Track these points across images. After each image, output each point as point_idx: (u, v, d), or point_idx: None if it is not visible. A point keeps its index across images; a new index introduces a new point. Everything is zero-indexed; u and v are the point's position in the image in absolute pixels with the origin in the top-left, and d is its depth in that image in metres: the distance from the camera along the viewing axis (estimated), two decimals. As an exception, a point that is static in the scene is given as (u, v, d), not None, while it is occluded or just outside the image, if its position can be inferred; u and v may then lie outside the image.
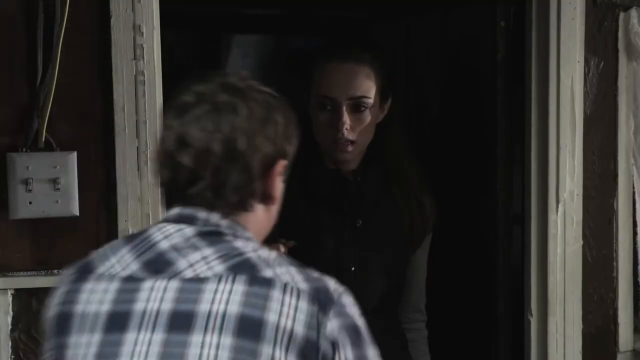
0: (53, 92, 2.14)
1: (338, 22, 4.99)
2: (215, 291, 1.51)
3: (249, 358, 1.45)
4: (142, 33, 2.18)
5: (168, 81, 2.26)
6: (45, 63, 2.14)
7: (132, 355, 1.49)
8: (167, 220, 1.61)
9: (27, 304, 2.20)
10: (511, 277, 2.58)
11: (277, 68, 5.87)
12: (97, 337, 1.53)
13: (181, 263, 1.54)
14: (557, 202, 2.47)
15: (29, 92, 2.15)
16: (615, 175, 2.54)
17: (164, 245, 1.57)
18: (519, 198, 2.55)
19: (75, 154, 2.17)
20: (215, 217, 1.57)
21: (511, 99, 2.55)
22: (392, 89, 2.40)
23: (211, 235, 1.56)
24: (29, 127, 2.16)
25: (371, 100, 2.31)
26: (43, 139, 2.15)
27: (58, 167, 2.15)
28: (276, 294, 1.49)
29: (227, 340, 1.47)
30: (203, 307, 1.50)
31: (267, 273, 1.51)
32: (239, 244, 1.55)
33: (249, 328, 1.47)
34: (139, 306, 1.52)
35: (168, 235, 1.58)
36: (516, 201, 2.57)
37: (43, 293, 2.19)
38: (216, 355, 1.46)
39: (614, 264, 2.55)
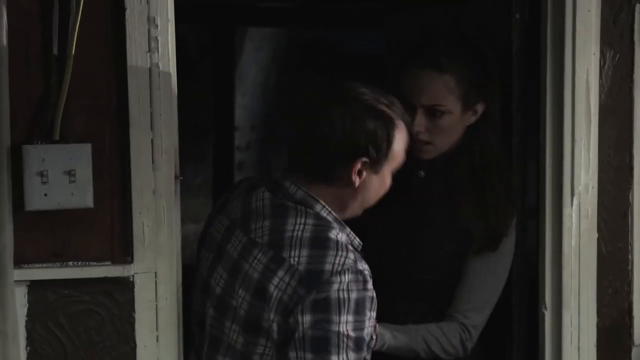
0: (68, 84, 2.14)
1: (353, 14, 4.99)
2: (255, 257, 2.09)
3: (260, 313, 2.05)
4: (157, 25, 2.18)
5: (182, 73, 2.27)
6: (60, 55, 2.15)
7: (217, 283, 2.16)
8: (267, 182, 2.18)
9: (43, 296, 2.21)
10: (526, 269, 2.58)
11: (291, 60, 5.87)
12: (210, 257, 2.21)
13: (252, 225, 2.13)
14: (572, 195, 2.46)
15: (44, 84, 2.16)
16: (631, 168, 2.53)
17: (253, 205, 2.16)
18: (533, 191, 2.55)
19: (90, 146, 2.17)
20: (293, 188, 2.12)
21: (526, 91, 2.54)
22: (483, 94, 2.48)
23: (278, 208, 2.12)
24: (44, 119, 2.16)
25: (448, 107, 2.44)
26: (58, 131, 2.16)
27: (73, 159, 2.16)
28: (281, 272, 2.04)
29: (248, 297, 2.07)
30: (246, 266, 2.10)
31: (285, 254, 2.05)
32: (290, 220, 2.09)
33: (259, 292, 2.06)
34: (228, 247, 2.16)
35: (259, 198, 2.16)
36: (531, 194, 2.56)
37: (58, 285, 2.21)
38: (241, 307, 2.08)
39: (629, 257, 2.55)
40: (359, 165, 2.10)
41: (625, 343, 2.56)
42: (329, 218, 2.12)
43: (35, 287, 2.20)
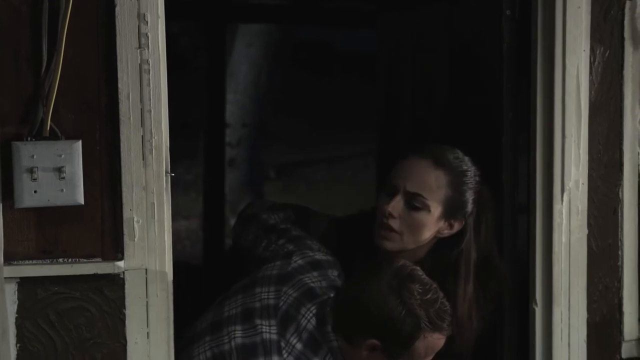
0: (58, 81, 2.13)
1: (345, 13, 4.99)
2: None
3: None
4: (147, 22, 2.17)
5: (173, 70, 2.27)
6: (50, 52, 2.14)
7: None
8: (320, 305, 2.32)
9: (33, 293, 2.20)
10: (516, 266, 2.58)
11: (282, 58, 5.87)
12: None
13: (287, 334, 2.28)
14: (562, 191, 2.47)
15: (34, 81, 2.15)
16: (621, 165, 2.53)
17: (300, 320, 2.30)
18: (524, 187, 2.55)
19: (80, 142, 2.17)
20: (332, 336, 2.26)
21: (517, 88, 2.55)
22: (464, 214, 2.42)
23: (314, 341, 2.25)
24: (34, 116, 2.15)
25: (428, 203, 2.37)
26: (48, 128, 2.15)
27: (63, 155, 2.15)
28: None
29: None
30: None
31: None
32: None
33: None
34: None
35: (306, 317, 2.29)
36: (521, 190, 2.57)
37: (48, 281, 2.20)
38: None
39: (619, 253, 2.55)
40: (372, 345, 2.22)
41: (616, 339, 2.57)
42: None
43: (25, 284, 2.20)
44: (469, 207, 2.44)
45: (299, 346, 2.23)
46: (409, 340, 2.20)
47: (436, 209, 2.40)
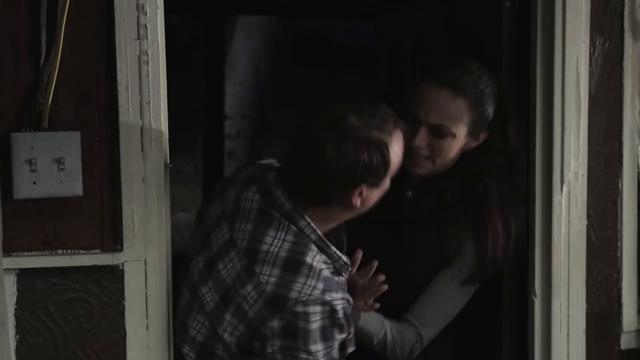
0: (57, 72, 2.13)
1: (344, 6, 4.98)
2: (230, 259, 2.14)
3: (222, 315, 2.13)
4: (146, 13, 2.17)
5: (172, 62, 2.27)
6: (49, 43, 2.14)
7: (195, 266, 2.23)
8: (260, 183, 2.19)
9: (32, 284, 2.20)
10: (516, 257, 2.58)
11: (282, 50, 5.86)
12: (203, 234, 2.25)
13: (236, 225, 2.15)
14: (562, 182, 2.47)
15: (33, 72, 2.15)
16: (620, 156, 2.53)
17: (242, 204, 2.18)
18: (523, 178, 2.55)
19: (79, 134, 2.17)
20: (282, 199, 2.13)
21: (516, 79, 2.54)
22: (488, 124, 2.44)
23: (263, 215, 2.15)
24: (33, 107, 2.15)
25: (453, 130, 2.39)
26: (47, 119, 2.15)
27: (62, 147, 2.15)
28: (250, 286, 2.10)
29: (216, 297, 2.16)
30: (220, 265, 2.15)
31: (257, 268, 2.10)
32: (271, 232, 2.12)
33: (227, 298, 2.13)
34: (212, 236, 2.20)
35: (248, 198, 2.18)
36: (521, 181, 2.56)
37: (48, 273, 2.20)
38: (208, 302, 2.17)
39: (618, 244, 2.55)
40: (358, 191, 2.12)
41: (614, 330, 2.57)
42: (312, 237, 2.13)
43: (24, 276, 2.20)
44: (491, 115, 2.45)
45: (249, 227, 2.14)
46: (385, 162, 2.11)
47: (461, 132, 2.42)
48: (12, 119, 2.15)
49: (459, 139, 2.42)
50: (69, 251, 2.20)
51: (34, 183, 2.15)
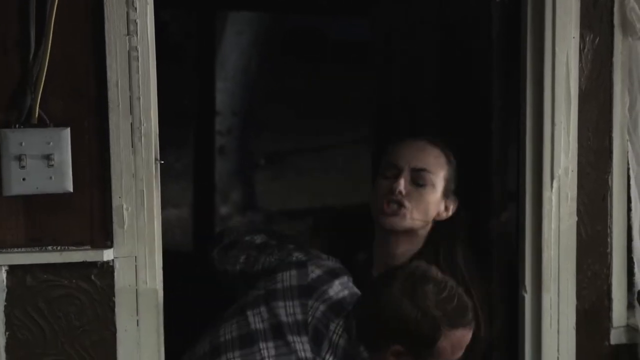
0: (46, 67, 2.13)
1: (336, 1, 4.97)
2: None
3: None
4: (136, 8, 2.16)
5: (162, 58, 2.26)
6: (38, 39, 2.13)
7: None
8: (347, 319, 2.29)
9: (22, 281, 2.20)
10: (506, 253, 2.59)
11: (273, 46, 5.85)
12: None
13: (322, 352, 2.27)
14: (552, 178, 2.47)
15: (22, 68, 2.14)
16: (610, 152, 2.54)
17: (330, 335, 2.29)
18: (513, 174, 2.55)
19: (68, 130, 2.16)
20: (362, 348, 2.25)
21: (506, 75, 2.55)
22: (456, 193, 2.48)
23: (348, 357, 2.27)
24: (22, 103, 2.15)
25: (434, 178, 2.44)
26: (36, 115, 2.14)
27: (52, 143, 2.14)
28: None
29: None
30: None
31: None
32: None
33: None
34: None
35: (336, 332, 2.28)
36: (511, 177, 2.57)
37: (37, 269, 2.20)
38: None
39: (608, 240, 2.56)
40: (394, 350, 2.23)
41: (604, 325, 2.58)
42: None
43: (14, 272, 2.19)
44: (456, 186, 2.50)
45: None
46: (431, 341, 2.20)
47: (439, 185, 2.45)
48: (1, 115, 2.14)
49: (436, 194, 2.44)
50: (59, 247, 2.20)
51: (24, 179, 2.14)
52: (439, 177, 2.45)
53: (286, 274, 2.35)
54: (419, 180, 2.43)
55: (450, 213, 2.49)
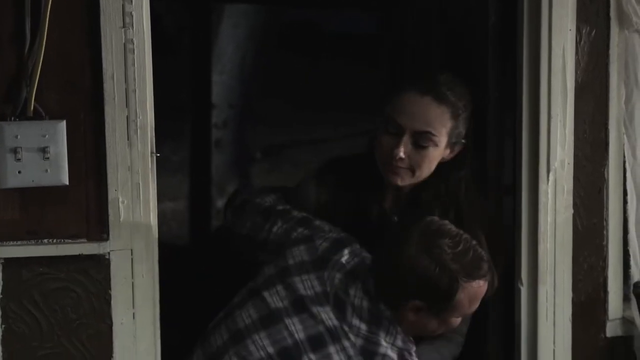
0: (41, 60, 2.12)
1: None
2: (344, 348, 2.27)
3: None
4: (131, 1, 2.16)
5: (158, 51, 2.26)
6: (33, 31, 2.13)
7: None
8: (364, 283, 2.31)
9: (18, 274, 2.20)
10: (502, 246, 2.59)
11: (269, 39, 5.84)
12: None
13: (347, 317, 2.29)
14: (548, 171, 2.47)
15: (17, 60, 2.14)
16: (606, 144, 2.54)
17: (352, 299, 2.31)
18: (510, 167, 2.55)
19: (64, 122, 2.16)
20: (383, 306, 2.29)
21: (502, 67, 2.54)
22: (465, 136, 2.46)
23: (374, 317, 2.29)
24: (18, 96, 2.14)
25: (437, 139, 2.40)
26: (32, 108, 2.14)
27: (47, 136, 2.14)
28: None
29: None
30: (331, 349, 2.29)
31: None
32: (383, 337, 2.27)
33: None
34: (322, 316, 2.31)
35: (357, 296, 2.30)
36: (507, 170, 2.57)
37: (33, 262, 2.20)
38: None
39: (604, 232, 2.56)
40: (413, 305, 2.26)
41: (600, 318, 2.58)
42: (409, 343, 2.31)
43: (10, 265, 2.19)
44: (466, 129, 2.47)
45: (363, 327, 2.25)
46: (450, 295, 2.23)
47: (442, 142, 2.42)
48: (-4, 108, 2.14)
49: (439, 150, 2.42)
50: (54, 240, 2.20)
51: (19, 172, 2.14)
52: (442, 135, 2.41)
53: (296, 249, 2.37)
54: (421, 141, 2.40)
55: (455, 154, 2.47)
